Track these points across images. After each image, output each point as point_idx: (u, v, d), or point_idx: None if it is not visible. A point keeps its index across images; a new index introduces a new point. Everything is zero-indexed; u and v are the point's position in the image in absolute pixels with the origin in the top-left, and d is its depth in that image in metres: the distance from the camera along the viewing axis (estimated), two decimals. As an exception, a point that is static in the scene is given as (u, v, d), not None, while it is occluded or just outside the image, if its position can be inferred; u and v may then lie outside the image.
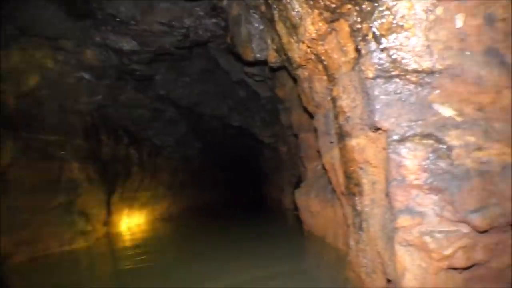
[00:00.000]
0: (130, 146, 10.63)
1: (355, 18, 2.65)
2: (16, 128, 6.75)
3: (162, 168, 12.64)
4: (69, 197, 7.73)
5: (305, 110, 5.46)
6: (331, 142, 4.00)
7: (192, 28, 7.74)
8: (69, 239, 7.56)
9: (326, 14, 3.08)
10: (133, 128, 10.93)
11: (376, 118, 2.49)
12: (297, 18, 3.70)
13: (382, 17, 2.35)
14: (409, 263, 2.33)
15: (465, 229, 2.25)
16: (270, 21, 5.21)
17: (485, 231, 2.23)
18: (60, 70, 7.78)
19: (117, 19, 7.13)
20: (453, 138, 2.36)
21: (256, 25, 6.26)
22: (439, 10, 2.28)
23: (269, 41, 5.66)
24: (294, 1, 3.63)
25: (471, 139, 2.34)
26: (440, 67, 2.36)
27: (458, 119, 2.39)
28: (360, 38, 2.61)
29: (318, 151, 5.09)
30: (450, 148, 2.33)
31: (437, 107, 2.44)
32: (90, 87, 8.60)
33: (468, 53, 2.33)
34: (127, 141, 10.48)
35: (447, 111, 2.42)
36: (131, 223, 10.62)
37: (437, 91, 2.42)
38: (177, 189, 13.90)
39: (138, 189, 11.04)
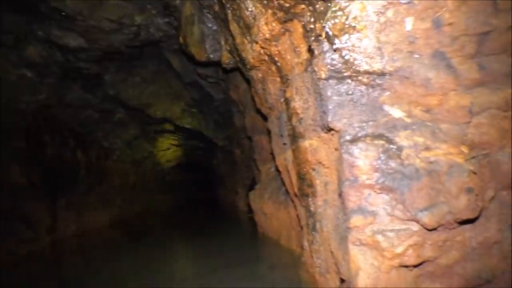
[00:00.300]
0: (77, 149, 10.16)
1: (308, 18, 2.65)
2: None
3: (112, 172, 12.20)
4: (8, 202, 7.25)
5: (259, 112, 5.44)
6: (284, 144, 4.00)
7: (143, 26, 7.54)
8: (9, 247, 7.09)
9: (280, 14, 3.07)
10: (80, 130, 10.46)
11: (329, 119, 2.50)
12: (250, 18, 3.68)
13: (335, 17, 2.36)
14: (362, 262, 2.35)
15: (415, 227, 2.30)
16: (223, 21, 5.16)
17: (433, 229, 2.29)
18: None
19: (63, 14, 6.79)
20: (402, 139, 2.40)
21: (210, 25, 6.19)
22: (390, 13, 2.32)
23: (222, 42, 5.60)
24: (248, 1, 3.61)
25: (420, 139, 2.39)
26: (391, 69, 2.40)
27: (407, 120, 2.45)
28: (313, 38, 2.62)
29: (272, 153, 5.09)
30: (400, 148, 2.38)
31: (388, 108, 2.48)
32: (33, 85, 8.14)
33: (416, 55, 2.39)
34: (74, 144, 10.01)
35: (396, 112, 2.47)
36: (79, 230, 10.11)
37: (388, 93, 2.47)
38: (128, 193, 13.47)
39: (86, 194, 10.56)
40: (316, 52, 2.57)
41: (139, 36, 7.87)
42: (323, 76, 2.50)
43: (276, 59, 3.59)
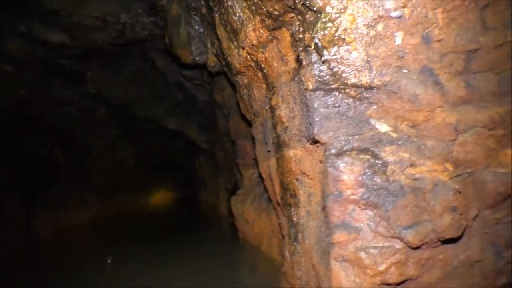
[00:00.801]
0: (55, 147, 9.93)
1: (297, 28, 2.61)
2: None
3: (91, 171, 11.97)
4: (-17, 200, 7.04)
5: (243, 117, 5.38)
6: (268, 151, 3.95)
7: (128, 24, 7.41)
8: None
9: (268, 21, 3.02)
10: (60, 127, 10.23)
11: (315, 131, 2.45)
12: (238, 23, 3.62)
13: (325, 28, 2.31)
14: (344, 279, 2.31)
15: (398, 245, 2.27)
16: (210, 24, 5.09)
17: (417, 247, 2.26)
18: (-23, 60, 7.12)
19: (46, 9, 6.62)
20: (388, 154, 2.38)
21: (196, 27, 6.11)
22: (380, 26, 2.29)
23: (208, 45, 5.53)
24: (236, 6, 3.54)
25: (405, 155, 2.37)
26: (378, 83, 2.37)
27: (393, 135, 2.42)
28: (301, 48, 2.57)
29: (255, 159, 5.03)
30: (385, 164, 2.35)
31: (374, 122, 2.45)
32: (13, 81, 7.92)
33: (405, 70, 2.37)
34: (53, 141, 9.77)
35: (383, 127, 2.44)
36: (56, 229, 9.87)
37: (375, 107, 2.44)
38: (108, 193, 13.23)
39: (64, 193, 10.33)
40: (304, 62, 2.52)
41: (124, 35, 7.74)
42: (311, 87, 2.46)
43: (263, 66, 3.54)
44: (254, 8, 3.19)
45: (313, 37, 2.37)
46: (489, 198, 2.36)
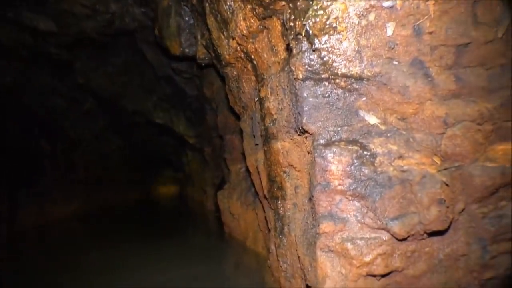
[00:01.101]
0: (41, 138, 9.76)
1: (288, 16, 2.57)
2: None
3: (78, 163, 11.82)
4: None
5: (232, 111, 5.35)
6: (256, 145, 3.92)
7: (118, 14, 7.33)
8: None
9: (259, 10, 2.98)
10: (46, 118, 10.07)
11: (304, 121, 2.42)
12: (229, 13, 3.58)
13: (316, 16, 2.28)
14: (330, 269, 2.29)
15: (384, 236, 2.26)
16: (200, 15, 5.04)
17: (403, 239, 2.25)
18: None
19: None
20: (376, 146, 2.36)
21: (186, 18, 6.06)
22: (371, 16, 2.27)
23: (198, 36, 5.47)
24: (227, -5, 3.50)
25: (394, 147, 2.36)
26: (369, 74, 2.35)
27: (382, 127, 2.41)
28: (292, 36, 2.54)
29: (243, 154, 5.00)
30: (373, 155, 2.33)
31: (363, 114, 2.43)
32: (-1, 68, 7.79)
33: (395, 62, 2.35)
34: (38, 132, 9.61)
35: (372, 119, 2.42)
36: (41, 222, 9.71)
37: (364, 98, 2.42)
38: (93, 186, 13.08)
39: (49, 185, 10.17)
40: (294, 51, 2.49)
41: (113, 25, 7.64)
42: (300, 76, 2.43)
43: (253, 57, 3.50)
44: (245, -3, 3.16)
45: (304, 24, 2.34)
46: (476, 192, 2.35)
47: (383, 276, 2.29)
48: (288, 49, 2.68)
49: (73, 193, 11.82)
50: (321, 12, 2.27)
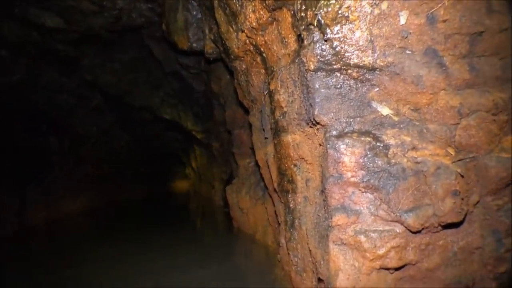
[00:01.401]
0: (50, 134, 9.81)
1: (299, 6, 2.53)
2: None
3: (85, 159, 11.86)
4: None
5: (240, 105, 5.32)
6: (266, 138, 3.89)
7: (125, 10, 7.30)
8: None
9: (269, 1, 2.95)
10: (54, 114, 10.10)
11: (316, 112, 2.39)
12: (237, 5, 3.55)
13: (328, 5, 2.25)
14: (342, 262, 2.26)
15: (398, 228, 2.23)
16: (208, 9, 5.01)
17: (417, 231, 2.22)
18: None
19: (41, -9, 6.52)
20: (389, 137, 2.33)
21: (194, 13, 6.03)
22: (384, 5, 2.23)
23: (206, 31, 5.43)
24: (235, -12, 3.47)
25: (407, 138, 2.32)
26: (381, 64, 2.31)
27: (395, 118, 2.37)
28: (303, 27, 2.50)
29: (252, 148, 4.99)
30: (387, 147, 2.30)
31: (376, 105, 2.40)
32: (6, 65, 7.80)
33: (408, 52, 2.31)
34: (47, 128, 9.65)
35: (384, 110, 2.39)
36: (50, 217, 9.78)
37: (376, 89, 2.38)
38: (101, 181, 13.13)
39: (57, 180, 10.23)
40: (305, 41, 2.45)
41: (120, 21, 7.62)
42: (312, 67, 2.39)
43: (262, 49, 3.47)
44: (254, -11, 3.12)
45: (316, 14, 2.30)
46: (491, 183, 2.31)
47: (396, 269, 2.26)
48: (299, 40, 2.64)
49: (81, 188, 11.88)
50: (333, 1, 2.24)
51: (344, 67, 2.35)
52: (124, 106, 11.34)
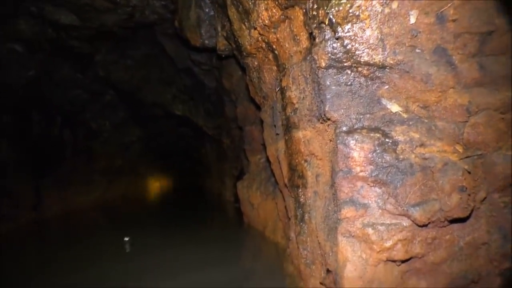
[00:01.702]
0: (64, 128, 9.99)
1: (311, 5, 2.60)
2: None
3: (98, 153, 12.06)
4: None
5: (252, 101, 5.39)
6: (277, 134, 3.96)
7: (138, 7, 7.41)
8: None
9: (281, 0, 3.01)
10: (68, 109, 10.29)
11: (326, 108, 2.46)
12: (250, 3, 3.62)
13: (339, 4, 2.31)
14: (350, 254, 2.33)
15: (405, 222, 2.29)
16: (221, 7, 5.08)
17: (424, 225, 2.28)
18: (-12, 39, 7.16)
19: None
20: (398, 133, 2.38)
21: (207, 10, 6.11)
22: (394, 4, 2.28)
23: (219, 28, 5.51)
24: (248, -14, 3.54)
25: (416, 135, 2.37)
26: (391, 62, 2.37)
27: (404, 115, 2.43)
28: (315, 25, 2.56)
29: (263, 144, 5.06)
30: (395, 143, 2.36)
31: (385, 102, 2.45)
32: (22, 61, 7.97)
33: (418, 50, 2.36)
34: (61, 122, 9.84)
35: (394, 107, 2.44)
36: (64, 209, 9.97)
37: (386, 86, 2.44)
38: (113, 176, 13.33)
39: (71, 174, 10.42)
40: (317, 39, 2.52)
41: (134, 18, 7.74)
42: (323, 64, 2.46)
43: (274, 47, 3.54)
44: (267, -13, 3.19)
45: (327, 13, 2.36)
46: (498, 181, 2.36)
47: (403, 261, 2.32)
48: (311, 38, 2.70)
49: (94, 182, 12.08)
50: (344, 0, 2.30)
51: (355, 64, 2.41)
52: (137, 102, 11.50)
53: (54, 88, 9.50)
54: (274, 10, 3.21)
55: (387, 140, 2.35)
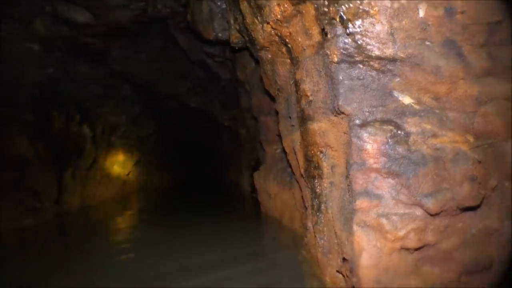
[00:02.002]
0: (83, 123, 10.23)
1: (322, 1, 2.66)
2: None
3: (117, 147, 12.31)
4: (17, 173, 7.38)
5: (266, 93, 5.46)
6: (292, 126, 4.04)
7: (150, 2, 7.48)
8: (16, 217, 7.24)
9: (293, -4, 3.07)
10: (86, 105, 10.50)
11: (340, 102, 2.54)
12: (262, -1, 3.67)
13: (350, 1, 2.37)
14: (366, 243, 2.42)
15: (418, 211, 2.36)
16: (233, 0, 5.13)
17: (436, 214, 2.35)
18: (6, 39, 7.32)
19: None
20: (411, 125, 2.45)
21: (219, 3, 6.16)
22: (403, -1, 2.33)
23: (231, 21, 5.57)
24: (261, -19, 3.59)
25: (427, 126, 2.44)
26: (402, 55, 2.43)
27: (416, 107, 2.49)
28: (326, 21, 2.63)
29: (278, 135, 5.14)
30: (407, 134, 2.42)
31: (397, 94, 2.52)
32: (40, 59, 8.15)
33: (428, 43, 2.41)
34: (80, 118, 10.08)
35: (406, 99, 2.51)
36: (84, 202, 10.26)
37: (398, 79, 2.50)
38: (132, 168, 13.60)
39: (91, 167, 10.69)
40: (329, 35, 2.59)
41: (146, 12, 7.82)
42: (335, 59, 2.53)
43: (287, 40, 3.60)
44: (279, -17, 3.24)
45: (338, 10, 2.43)
46: (509, 169, 2.41)
47: (416, 249, 2.40)
48: (323, 33, 2.77)
49: (113, 175, 12.36)
50: (354, -3, 2.36)
51: (366, 59, 2.48)
52: (152, 95, 11.66)
53: (71, 85, 9.69)
54: (286, 5, 3.27)
55: (399, 132, 2.42)
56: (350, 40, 2.49)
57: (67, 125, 9.59)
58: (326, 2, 2.60)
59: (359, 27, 2.42)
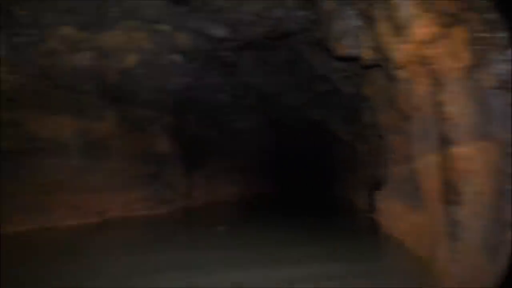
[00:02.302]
0: (211, 128, 11.18)
1: (476, 27, 2.58)
2: (116, 101, 7.49)
3: (238, 153, 13.10)
4: (156, 167, 8.41)
5: (397, 111, 5.35)
6: (428, 147, 3.92)
7: (281, 19, 7.85)
8: (152, 205, 8.23)
9: (441, 19, 3.03)
10: (214, 111, 11.40)
11: (492, 129, 2.44)
12: (403, 19, 3.66)
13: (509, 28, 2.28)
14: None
15: None
16: (368, 19, 5.16)
17: None
18: (155, 51, 8.32)
19: (211, 7, 7.43)
20: None
21: (350, 21, 6.21)
22: None
23: (365, 39, 5.59)
24: (403, 3, 3.59)
25: None
26: None
27: None
28: (481, 47, 2.55)
29: (407, 154, 5.00)
30: None
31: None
32: (181, 69, 9.11)
33: None
34: (209, 123, 11.06)
35: None
36: (209, 200, 11.19)
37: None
38: (250, 174, 14.29)
39: (216, 169, 11.62)
40: (483, 61, 2.50)
41: (277, 29, 8.22)
42: (489, 85, 2.44)
43: (429, 61, 3.53)
44: (423, 6, 3.22)
45: (494, 37, 2.34)
46: None
47: None
48: (474, 58, 2.68)
49: (234, 178, 13.17)
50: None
51: (523, 86, 2.35)
52: (274, 105, 12.16)
53: (203, 93, 10.63)
54: (431, 28, 3.22)
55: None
56: (505, 66, 2.39)
57: (199, 128, 10.60)
58: (482, 27, 2.52)
59: (517, 53, 2.31)
